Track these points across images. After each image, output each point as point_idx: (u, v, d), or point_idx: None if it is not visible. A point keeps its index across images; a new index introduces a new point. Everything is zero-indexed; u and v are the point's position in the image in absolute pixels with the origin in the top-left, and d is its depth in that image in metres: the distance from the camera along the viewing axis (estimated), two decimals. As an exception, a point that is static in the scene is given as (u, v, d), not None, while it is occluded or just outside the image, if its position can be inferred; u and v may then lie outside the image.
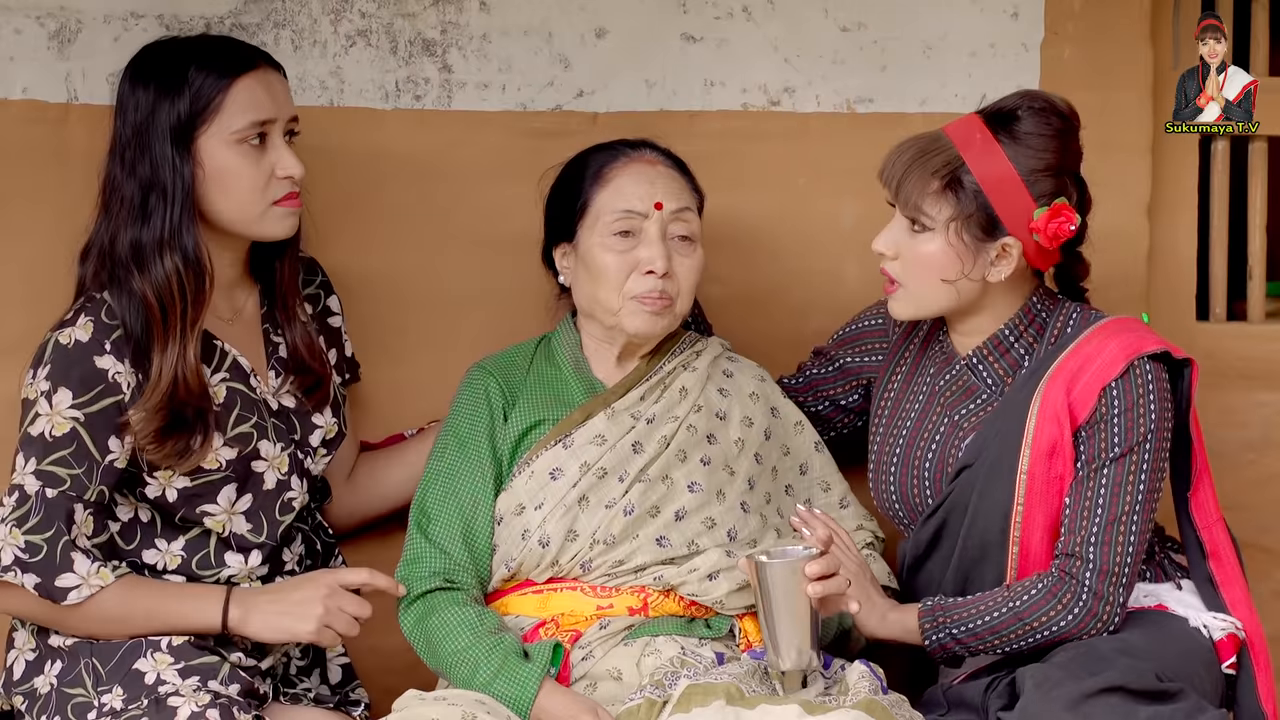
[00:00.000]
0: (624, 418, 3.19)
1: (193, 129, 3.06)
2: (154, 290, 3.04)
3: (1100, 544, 3.07)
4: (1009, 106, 3.15)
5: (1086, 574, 3.06)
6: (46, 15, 3.38)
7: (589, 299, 3.21)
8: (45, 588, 3.00)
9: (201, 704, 2.93)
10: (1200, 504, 3.22)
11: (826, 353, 3.44)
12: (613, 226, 3.16)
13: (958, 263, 3.12)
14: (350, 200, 3.47)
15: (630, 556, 3.11)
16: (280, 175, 3.12)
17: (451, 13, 3.51)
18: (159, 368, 3.04)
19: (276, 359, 3.24)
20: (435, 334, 3.53)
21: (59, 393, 3.03)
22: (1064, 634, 3.07)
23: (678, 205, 3.19)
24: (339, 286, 3.41)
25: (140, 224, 3.06)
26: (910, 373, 3.32)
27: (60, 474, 3.01)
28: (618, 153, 3.23)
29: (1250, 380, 3.71)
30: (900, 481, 3.26)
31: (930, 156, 3.12)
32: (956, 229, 3.11)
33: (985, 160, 3.10)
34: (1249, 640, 3.18)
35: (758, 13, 3.57)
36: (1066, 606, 3.06)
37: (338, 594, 3.08)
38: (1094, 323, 3.19)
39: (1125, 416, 3.08)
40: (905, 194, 3.12)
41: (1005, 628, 3.08)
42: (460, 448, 3.19)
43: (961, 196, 3.10)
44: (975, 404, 3.21)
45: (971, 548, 3.17)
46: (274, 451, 3.18)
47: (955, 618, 3.10)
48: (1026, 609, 3.07)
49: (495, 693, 2.98)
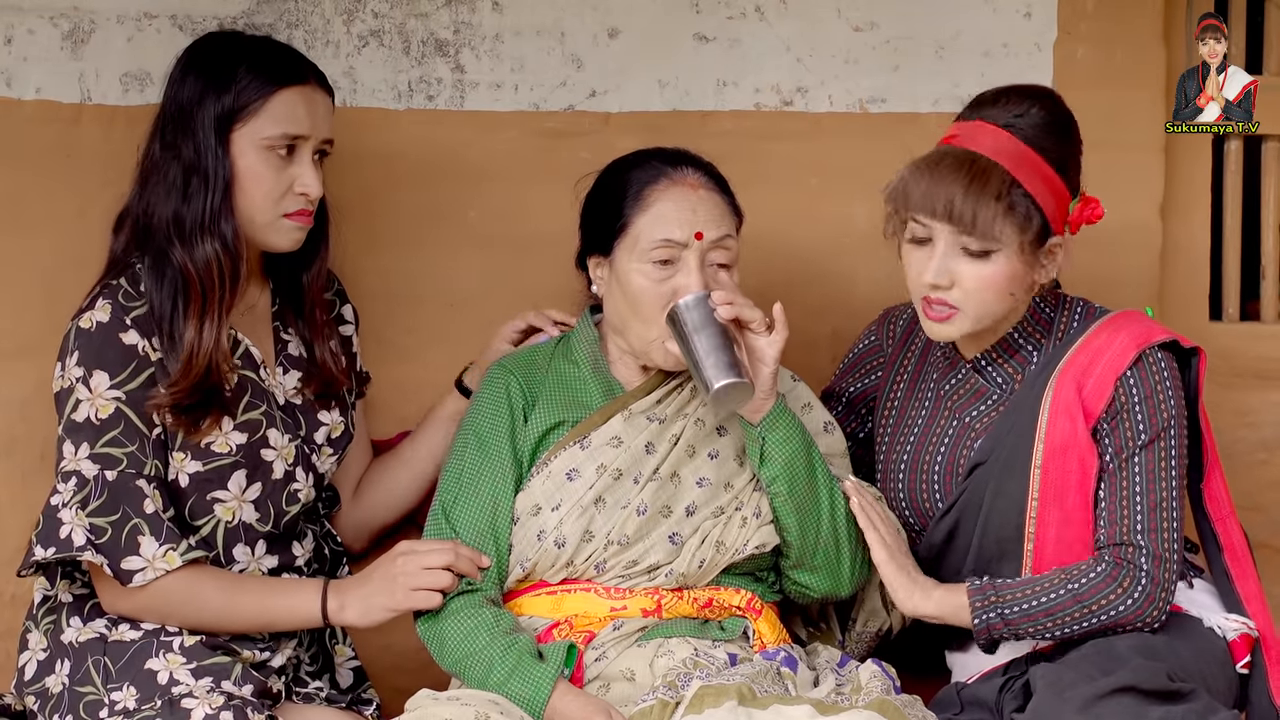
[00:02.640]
0: (640, 420, 3.19)
1: (230, 124, 3.09)
2: (194, 267, 3.07)
3: (1148, 530, 3.06)
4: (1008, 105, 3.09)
5: (1142, 560, 3.05)
6: (60, 16, 3.38)
7: (620, 319, 3.18)
8: (114, 569, 3.02)
9: (215, 706, 2.93)
10: (1213, 495, 3.22)
11: (833, 391, 3.42)
12: (652, 255, 3.11)
13: (1025, 275, 3.08)
14: (363, 200, 3.47)
15: (644, 556, 3.11)
16: (298, 190, 3.13)
17: (464, 13, 3.51)
18: (193, 346, 3.06)
19: (285, 356, 3.25)
20: (447, 333, 3.53)
21: (95, 376, 3.05)
22: (1121, 619, 3.05)
23: (719, 234, 3.13)
24: (351, 285, 3.42)
25: (181, 201, 3.09)
26: (912, 380, 3.31)
27: (116, 454, 3.04)
28: (659, 173, 3.15)
29: (1263, 380, 3.70)
30: (909, 486, 3.25)
31: (983, 179, 3.02)
32: (1023, 245, 3.04)
33: (1027, 168, 3.04)
34: (1262, 639, 3.18)
35: (770, 13, 3.57)
36: (1127, 591, 3.05)
37: (411, 557, 3.08)
38: (1099, 317, 3.19)
39: (1146, 404, 3.08)
40: (981, 225, 3.01)
41: (1062, 609, 3.05)
42: (481, 447, 3.18)
43: (1023, 212, 3.03)
44: (986, 405, 3.21)
45: (988, 545, 3.17)
46: (282, 441, 3.19)
47: (1008, 598, 3.07)
48: (1086, 591, 3.05)
49: (509, 693, 2.98)
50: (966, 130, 3.11)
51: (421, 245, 3.52)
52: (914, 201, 3.05)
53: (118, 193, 3.22)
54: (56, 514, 3.03)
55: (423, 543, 3.13)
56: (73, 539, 3.02)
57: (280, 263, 3.25)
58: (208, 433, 3.10)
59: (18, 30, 3.36)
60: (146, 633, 3.07)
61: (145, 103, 3.36)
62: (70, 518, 3.02)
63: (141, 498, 3.04)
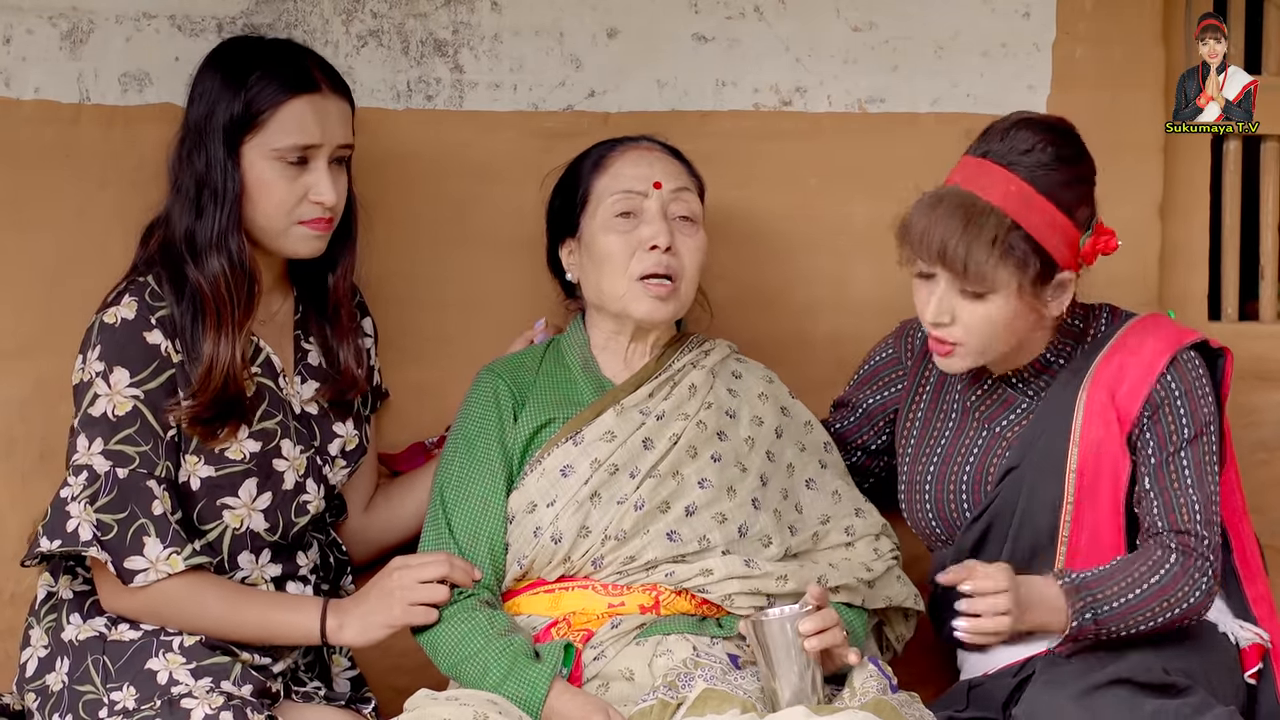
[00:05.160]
0: (633, 414, 3.19)
1: (241, 134, 3.09)
2: (206, 284, 3.07)
3: (1206, 522, 3.07)
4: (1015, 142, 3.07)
5: (1204, 548, 3.05)
6: (58, 16, 3.38)
7: (595, 288, 3.22)
8: (118, 567, 3.02)
9: (215, 706, 2.93)
10: (1227, 495, 3.23)
11: (847, 401, 3.42)
12: (614, 208, 3.19)
13: (1027, 313, 3.08)
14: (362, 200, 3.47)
15: (641, 552, 3.11)
16: (313, 199, 3.13)
17: (463, 13, 3.52)
18: (211, 360, 3.06)
19: (304, 365, 3.25)
20: (447, 334, 3.53)
21: (115, 372, 3.05)
22: (1192, 610, 3.05)
23: (676, 185, 3.21)
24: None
25: (194, 216, 3.10)
26: (936, 392, 3.31)
27: (129, 452, 3.03)
28: (615, 143, 3.27)
29: (1263, 380, 3.70)
30: (936, 498, 3.24)
31: (978, 224, 3.02)
32: (1022, 286, 3.04)
33: (1030, 211, 3.03)
34: (1273, 646, 3.17)
35: (769, 12, 3.57)
36: (1196, 582, 3.05)
37: (406, 571, 3.07)
38: (1125, 321, 3.20)
39: (1187, 400, 3.09)
40: (973, 269, 3.02)
41: (1147, 604, 3.03)
42: (469, 450, 3.19)
43: (1021, 255, 3.03)
44: (1015, 414, 3.21)
45: (1021, 549, 3.15)
46: (294, 452, 3.19)
47: (1100, 596, 3.03)
48: (1169, 583, 3.04)
49: (506, 694, 2.98)
50: (971, 168, 3.10)
51: (420, 246, 3.52)
52: (913, 241, 3.07)
53: (117, 193, 3.22)
54: (65, 506, 3.03)
55: (416, 556, 3.13)
56: (79, 533, 3.01)
57: (304, 266, 3.24)
58: (224, 441, 3.11)
59: (16, 30, 3.36)
60: (146, 632, 3.07)
61: (144, 103, 3.37)
62: (78, 512, 3.02)
63: (151, 498, 3.04)
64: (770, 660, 2.96)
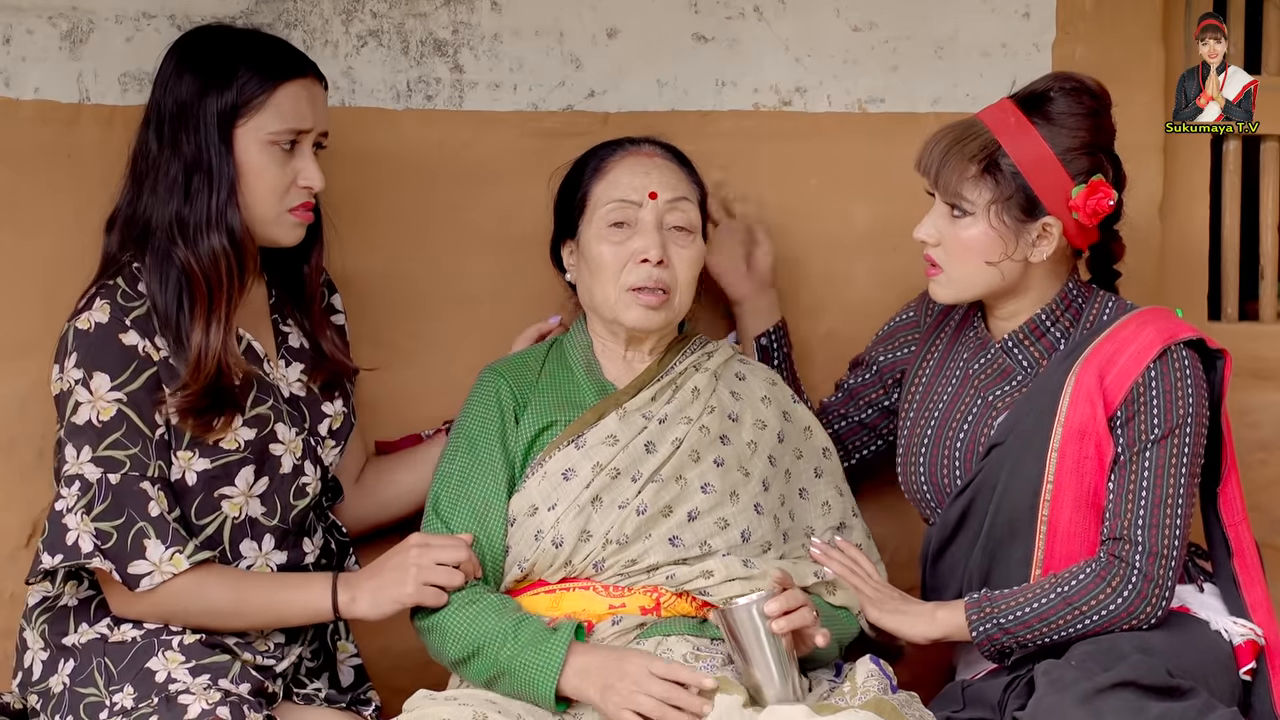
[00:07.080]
0: (635, 418, 3.19)
1: (233, 121, 3.08)
2: (200, 266, 3.06)
3: (1148, 526, 3.07)
4: (1041, 89, 3.18)
5: (1136, 556, 3.06)
6: (58, 15, 3.38)
7: (589, 294, 3.22)
8: (122, 574, 3.02)
9: (212, 702, 2.93)
10: (1228, 500, 3.23)
11: (862, 359, 3.45)
12: (608, 217, 3.18)
13: (1000, 245, 3.15)
14: (361, 200, 3.47)
15: (643, 556, 3.11)
16: (301, 184, 3.13)
17: (463, 13, 3.52)
18: (201, 348, 3.05)
19: (286, 349, 3.26)
20: (447, 334, 3.53)
21: (95, 378, 3.04)
22: (1114, 618, 3.06)
23: (673, 195, 3.19)
24: (350, 287, 3.42)
25: (184, 200, 3.08)
26: (942, 358, 3.34)
27: (119, 457, 3.03)
28: (617, 146, 3.25)
29: (1262, 380, 3.71)
30: (930, 463, 3.27)
31: (966, 142, 3.14)
32: (997, 211, 3.13)
33: (1020, 142, 3.13)
34: (1269, 647, 3.17)
35: (769, 13, 3.57)
36: (1116, 590, 3.06)
37: (425, 550, 3.07)
38: (1129, 311, 3.22)
39: (1164, 399, 3.10)
40: (944, 180, 3.15)
41: (1054, 614, 3.07)
42: (471, 450, 3.19)
43: (1000, 179, 3.13)
44: (1010, 385, 3.23)
45: (1000, 526, 3.18)
46: (289, 435, 3.19)
47: (1002, 607, 3.09)
48: (1075, 593, 3.06)
49: (524, 664, 2.97)
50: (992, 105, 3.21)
51: (420, 246, 3.52)
52: (919, 160, 3.19)
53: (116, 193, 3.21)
54: (61, 520, 3.02)
55: (437, 537, 3.12)
56: (80, 545, 3.00)
57: (276, 256, 3.24)
58: (220, 431, 3.10)
59: (16, 30, 3.36)
60: (147, 632, 3.07)
61: (144, 103, 3.35)
62: (76, 523, 3.01)
63: (146, 500, 3.03)
64: (742, 647, 2.97)
